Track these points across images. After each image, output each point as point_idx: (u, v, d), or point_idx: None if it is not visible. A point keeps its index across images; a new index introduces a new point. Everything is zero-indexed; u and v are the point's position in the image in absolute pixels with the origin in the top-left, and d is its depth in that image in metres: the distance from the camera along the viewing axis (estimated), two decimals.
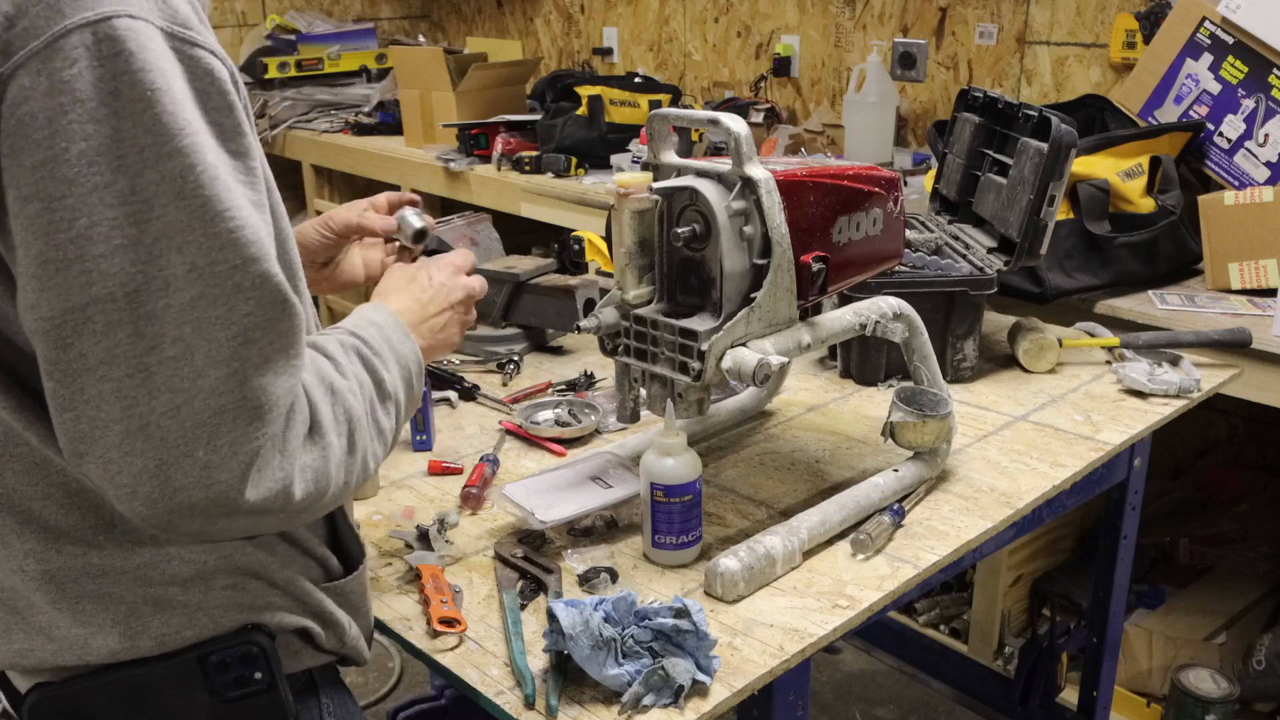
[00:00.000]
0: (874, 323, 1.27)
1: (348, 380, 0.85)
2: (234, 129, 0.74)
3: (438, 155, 3.28)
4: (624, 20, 3.80)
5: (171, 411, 0.70)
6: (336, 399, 0.82)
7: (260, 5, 4.28)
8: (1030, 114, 1.64)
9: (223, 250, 0.71)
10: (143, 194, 0.68)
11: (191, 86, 0.71)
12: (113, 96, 0.67)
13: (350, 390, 0.84)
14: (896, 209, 1.28)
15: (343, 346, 0.88)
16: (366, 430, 0.85)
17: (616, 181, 1.12)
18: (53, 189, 0.67)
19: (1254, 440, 2.59)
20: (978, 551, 1.28)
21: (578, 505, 1.26)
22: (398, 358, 0.93)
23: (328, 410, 0.80)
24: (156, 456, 0.70)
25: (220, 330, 0.71)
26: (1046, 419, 1.52)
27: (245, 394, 0.72)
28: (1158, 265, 2.06)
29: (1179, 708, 2.05)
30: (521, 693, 0.96)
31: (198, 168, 0.70)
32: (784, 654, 1.01)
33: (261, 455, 0.73)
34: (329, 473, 0.79)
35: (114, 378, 0.69)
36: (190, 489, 0.71)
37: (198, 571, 0.83)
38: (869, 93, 2.84)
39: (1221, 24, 2.15)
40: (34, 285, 0.68)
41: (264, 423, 0.73)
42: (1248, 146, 2.14)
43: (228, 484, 0.72)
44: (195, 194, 0.69)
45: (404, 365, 0.93)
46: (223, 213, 0.71)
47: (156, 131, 0.68)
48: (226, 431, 0.72)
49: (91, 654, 0.81)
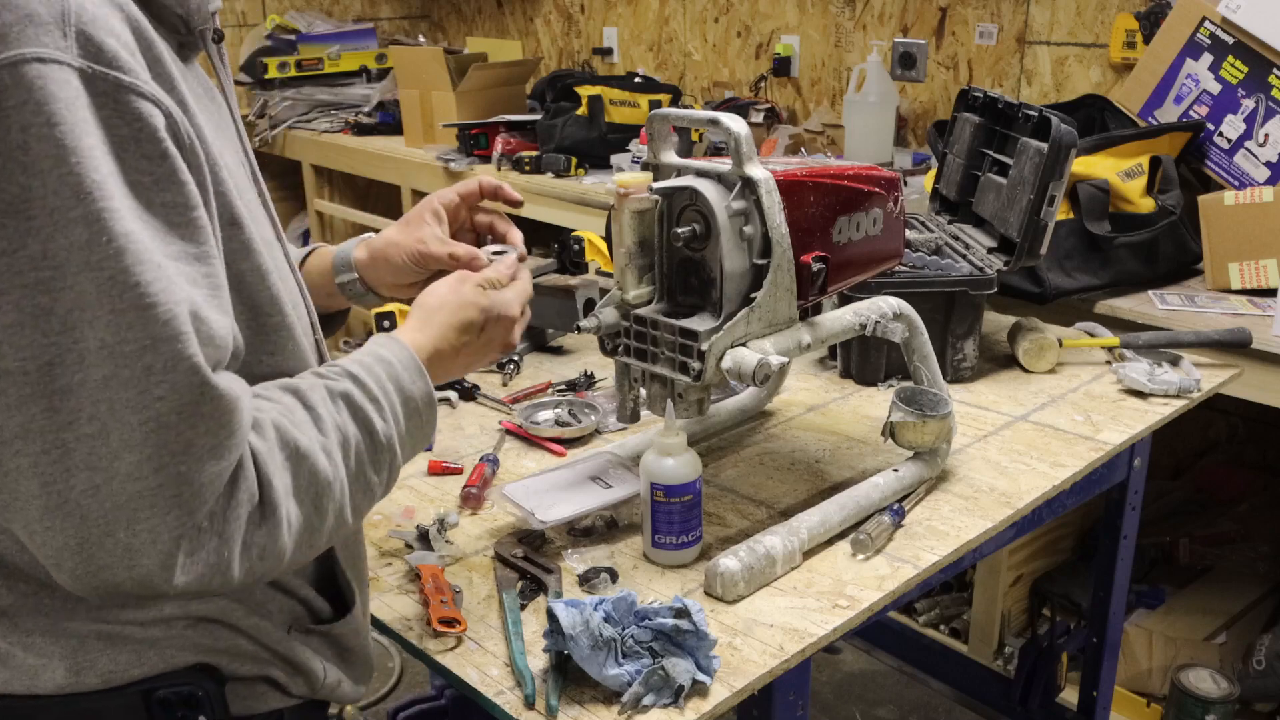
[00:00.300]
0: (874, 323, 1.27)
1: (325, 437, 0.80)
2: (167, 179, 0.69)
3: (438, 155, 3.28)
4: (624, 20, 3.80)
5: (91, 490, 0.67)
6: (301, 465, 0.77)
7: (260, 5, 4.28)
8: (1030, 114, 1.64)
9: (131, 329, 0.66)
10: (54, 259, 0.64)
11: (109, 137, 0.66)
12: (20, 151, 0.62)
13: (325, 449, 0.79)
14: (896, 209, 1.28)
15: (330, 394, 0.82)
16: (345, 489, 0.81)
17: (616, 181, 1.12)
18: None
19: (1254, 440, 2.59)
20: (978, 551, 1.28)
21: (578, 505, 1.26)
22: (404, 400, 0.87)
23: (285, 481, 0.76)
24: (77, 534, 0.67)
25: (132, 414, 0.67)
26: (1046, 419, 1.52)
27: (162, 481, 0.68)
28: (1158, 265, 2.06)
29: (1179, 708, 2.05)
30: (521, 693, 0.96)
31: (106, 236, 0.64)
32: (784, 654, 1.01)
33: (190, 541, 0.70)
34: (281, 547, 0.76)
35: (30, 453, 0.66)
36: (114, 568, 0.68)
37: (155, 616, 0.80)
38: (869, 93, 2.84)
39: (1221, 24, 2.15)
40: None
41: (186, 511, 0.69)
42: (1248, 146, 2.14)
43: (150, 569, 0.69)
44: (103, 265, 0.64)
45: (411, 408, 0.88)
46: (133, 287, 0.65)
47: (63, 193, 0.63)
48: (145, 518, 0.68)
49: (39, 685, 0.79)
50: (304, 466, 0.77)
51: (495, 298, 1.01)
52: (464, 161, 3.18)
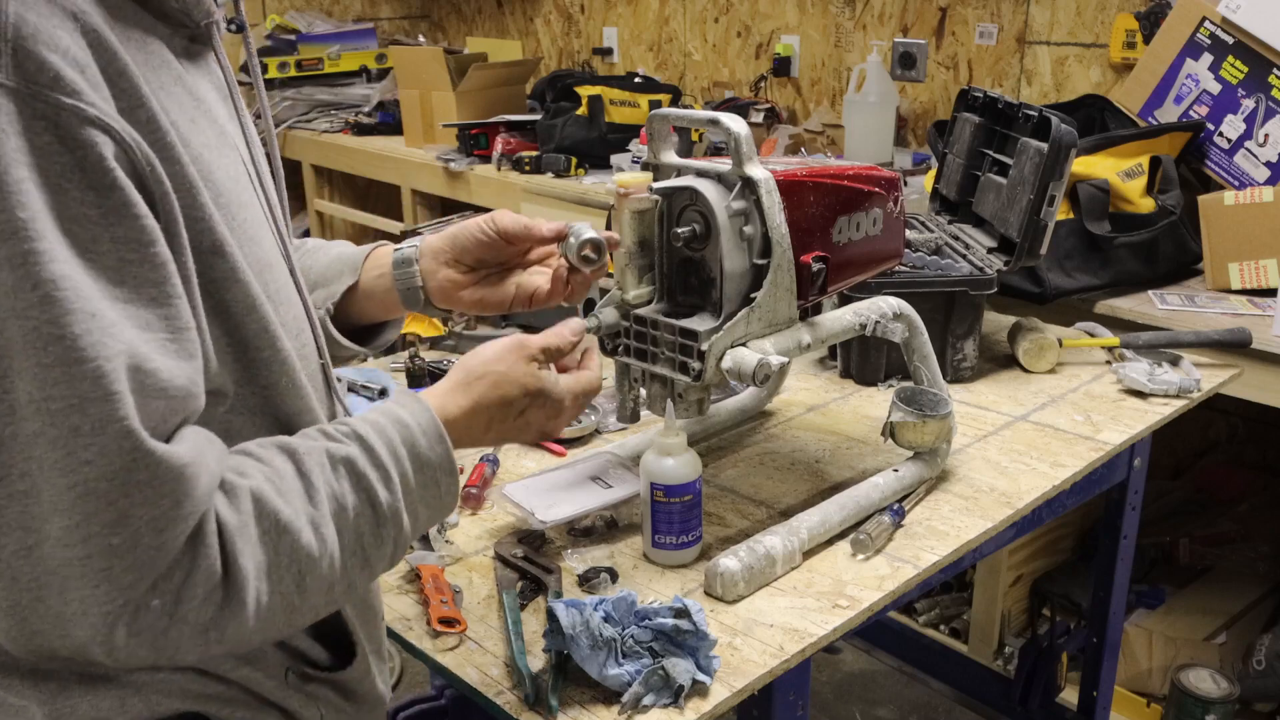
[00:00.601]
0: (874, 323, 1.27)
1: (316, 509, 0.73)
2: (116, 212, 0.62)
3: (438, 155, 3.28)
4: (624, 20, 3.80)
5: (22, 552, 0.61)
6: (282, 540, 0.70)
7: (260, 5, 4.28)
8: (1030, 114, 1.64)
9: (57, 385, 0.60)
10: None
11: (45, 167, 0.60)
12: None
13: (314, 522, 0.72)
14: (896, 209, 1.28)
15: (331, 460, 0.76)
16: (335, 564, 0.74)
17: (616, 181, 1.12)
18: None
19: (1254, 440, 2.59)
20: (978, 551, 1.28)
21: (578, 505, 1.26)
22: (419, 466, 0.80)
23: (257, 559, 0.69)
24: (9, 597, 0.62)
25: (60, 476, 0.61)
26: (1046, 419, 1.52)
27: (90, 552, 0.62)
28: (1158, 265, 2.06)
29: (1179, 708, 2.05)
30: (521, 693, 0.96)
31: (32, 281, 0.58)
32: (784, 654, 1.01)
33: (130, 616, 0.64)
34: (245, 631, 0.69)
35: None
36: (47, 634, 0.63)
37: None
38: (869, 93, 2.84)
39: (1221, 24, 2.15)
40: None
41: (118, 587, 0.63)
42: (1248, 146, 2.14)
43: (83, 640, 0.63)
44: (28, 313, 0.58)
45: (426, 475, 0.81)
46: (58, 339, 0.59)
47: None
48: (75, 588, 0.62)
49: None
50: (285, 541, 0.71)
51: (547, 382, 0.92)
52: (464, 161, 3.18)
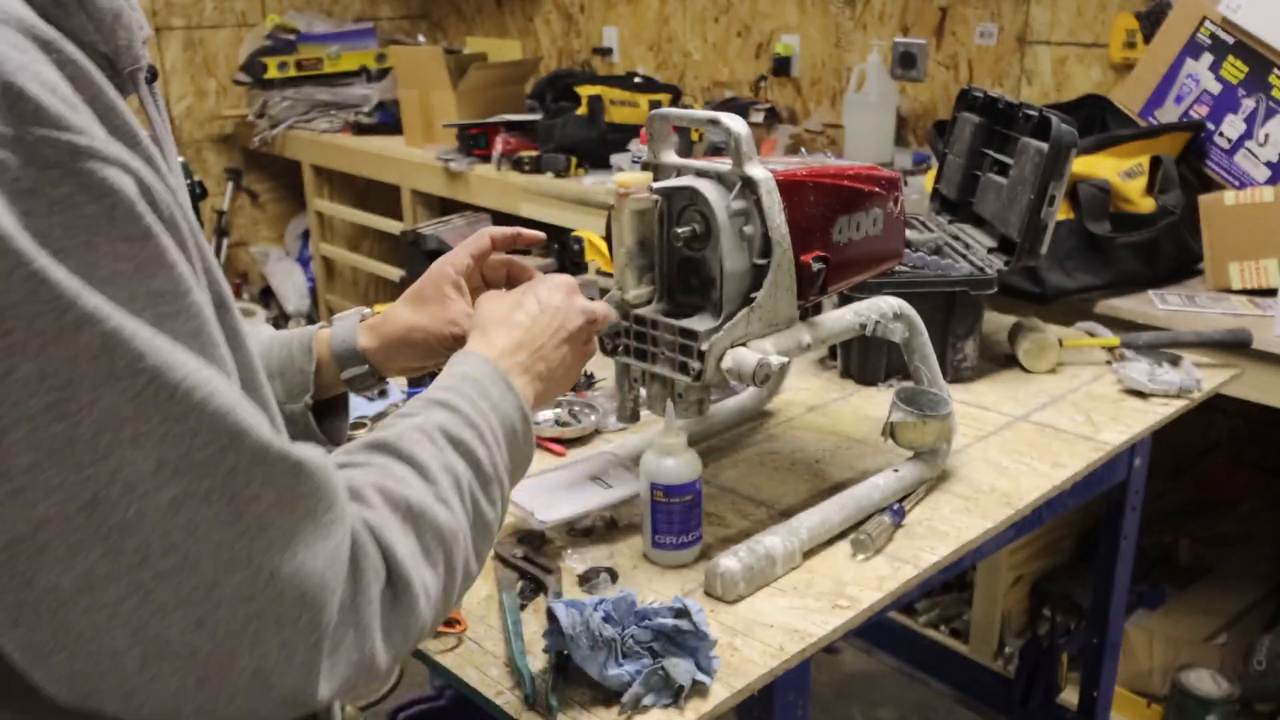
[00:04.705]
0: (874, 323, 1.27)
1: (436, 485, 0.71)
2: (152, 262, 0.55)
3: (438, 155, 3.28)
4: (624, 20, 3.80)
5: (194, 626, 0.56)
6: (423, 523, 0.69)
7: (260, 5, 4.28)
8: (1030, 114, 1.64)
9: (198, 434, 0.55)
10: (56, 379, 0.51)
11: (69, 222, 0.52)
12: None
13: (440, 498, 0.71)
14: (897, 209, 1.28)
15: (427, 435, 0.74)
16: (468, 538, 0.72)
17: (616, 181, 1.12)
18: None
19: (1254, 440, 2.59)
20: (978, 552, 1.28)
21: (578, 505, 1.26)
22: (501, 418, 0.79)
23: (410, 546, 0.68)
24: (194, 673, 0.57)
25: (225, 529, 0.56)
26: (1047, 419, 1.52)
27: (281, 589, 0.58)
28: (1158, 265, 2.06)
29: (1179, 708, 2.05)
30: (521, 693, 0.96)
31: (120, 333, 0.52)
32: (784, 654, 1.01)
33: (330, 642, 0.61)
34: (421, 620, 0.68)
35: (105, 604, 0.54)
36: (247, 695, 0.59)
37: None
38: (869, 92, 2.84)
39: (1222, 24, 2.15)
40: None
41: (315, 610, 0.60)
42: (1248, 146, 2.14)
43: (292, 687, 0.60)
44: (132, 370, 0.53)
45: (508, 426, 0.80)
46: (179, 385, 0.54)
47: (43, 295, 0.50)
48: (271, 635, 0.58)
49: None
50: (424, 525, 0.69)
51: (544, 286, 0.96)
52: (464, 161, 3.18)
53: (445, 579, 0.70)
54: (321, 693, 0.61)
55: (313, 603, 0.60)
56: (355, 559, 0.63)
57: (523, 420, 0.82)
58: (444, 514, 0.71)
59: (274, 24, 4.10)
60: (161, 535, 0.54)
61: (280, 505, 0.58)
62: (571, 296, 0.96)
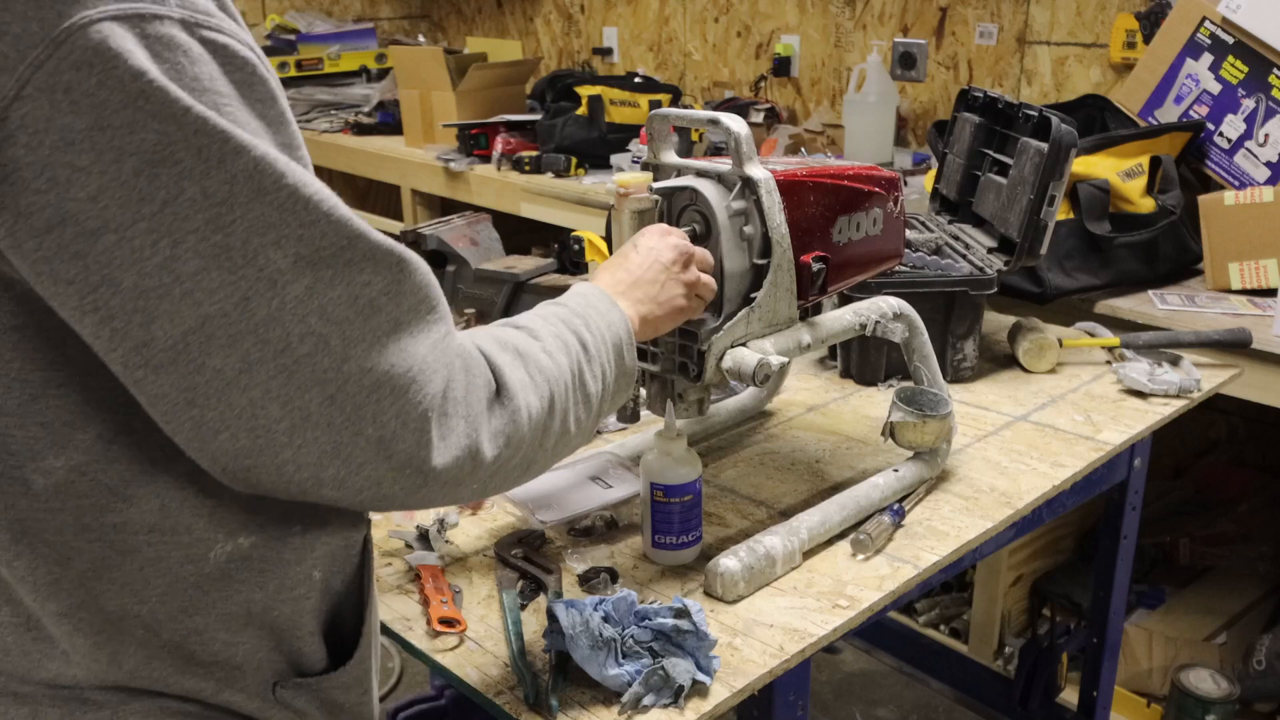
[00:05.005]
0: (874, 323, 1.27)
1: (542, 341, 0.84)
2: (279, 120, 0.69)
3: (438, 155, 3.28)
4: (624, 20, 3.80)
5: (327, 401, 0.68)
6: (529, 361, 0.81)
7: (260, 5, 4.28)
8: (1030, 114, 1.64)
9: (325, 234, 0.67)
10: (215, 197, 0.63)
11: (230, 79, 0.66)
12: (142, 99, 0.60)
13: (545, 351, 0.83)
14: (896, 209, 1.28)
15: (541, 316, 0.88)
16: (569, 392, 0.83)
17: (616, 181, 1.12)
18: (121, 216, 0.61)
19: (1254, 440, 2.59)
20: (978, 551, 1.28)
21: (578, 505, 1.26)
22: (607, 324, 0.92)
23: (517, 373, 0.79)
24: (330, 440, 0.68)
25: (347, 308, 0.68)
26: (1046, 419, 1.52)
27: (392, 363, 0.70)
28: (1158, 265, 2.06)
29: (1179, 708, 2.05)
30: (521, 693, 0.96)
31: (266, 158, 0.65)
32: (784, 654, 1.01)
33: (438, 416, 0.72)
34: (522, 436, 0.78)
35: (260, 383, 0.66)
36: (372, 464, 0.70)
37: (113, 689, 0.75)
38: (869, 93, 2.84)
39: (1221, 24, 2.15)
40: (139, 320, 0.63)
41: (421, 384, 0.71)
42: (1248, 146, 2.14)
43: (408, 452, 0.70)
44: (277, 185, 0.65)
45: (613, 331, 0.92)
46: (310, 196, 0.66)
47: (206, 130, 0.62)
48: (388, 404, 0.69)
49: None
50: (530, 362, 0.81)
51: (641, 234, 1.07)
52: (464, 161, 3.18)
53: (546, 412, 0.81)
54: (435, 461, 0.72)
55: (418, 378, 0.71)
56: (466, 363, 0.75)
57: (626, 331, 0.94)
58: (548, 360, 0.82)
59: (274, 24, 4.10)
60: (299, 321, 0.66)
61: (388, 293, 0.70)
62: (666, 236, 1.06)
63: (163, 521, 0.72)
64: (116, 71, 0.60)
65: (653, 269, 1.03)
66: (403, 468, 0.71)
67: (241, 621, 0.76)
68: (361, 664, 0.84)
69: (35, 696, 0.74)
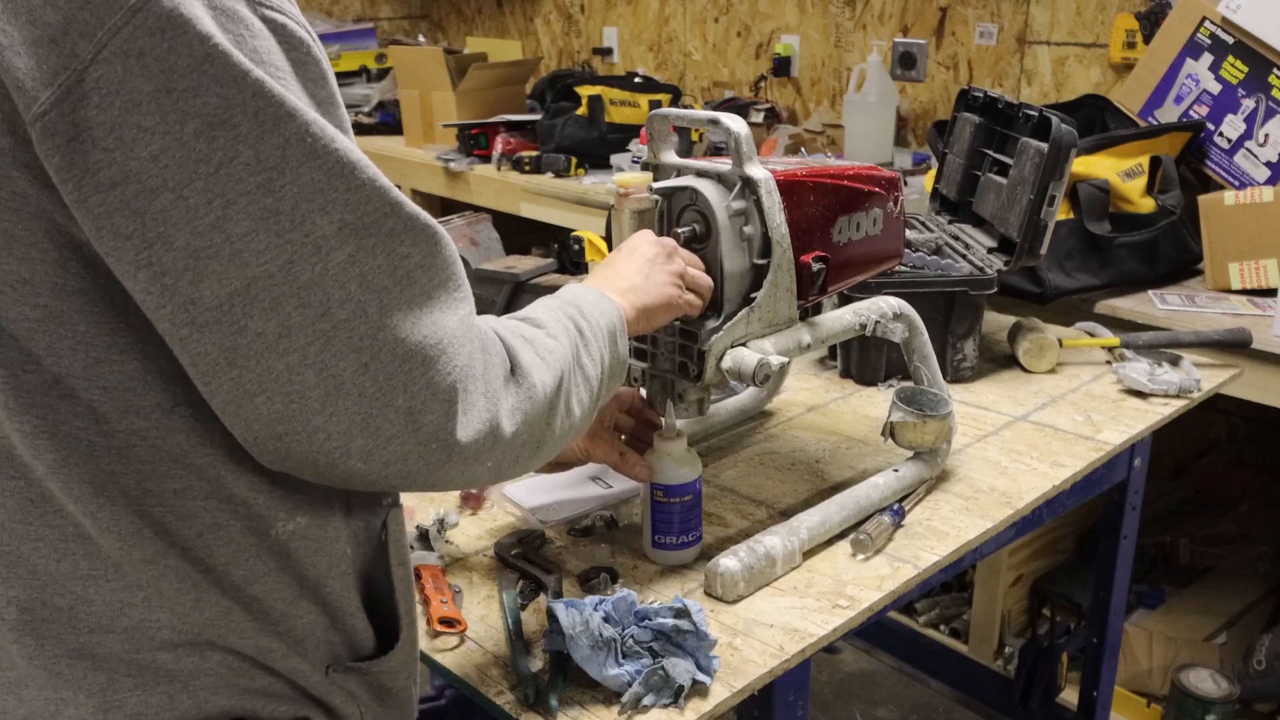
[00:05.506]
0: (874, 323, 1.27)
1: (545, 327, 0.87)
2: (329, 101, 0.71)
3: (438, 155, 3.28)
4: (624, 20, 3.80)
5: (361, 369, 0.69)
6: (537, 343, 0.84)
7: None
8: (1030, 114, 1.64)
9: (370, 201, 0.69)
10: (268, 161, 0.65)
11: (286, 56, 0.69)
12: (207, 63, 0.63)
13: (550, 335, 0.86)
14: (896, 209, 1.28)
15: (538, 306, 0.92)
16: (572, 374, 0.86)
17: (616, 181, 1.12)
18: (179, 175, 0.64)
19: (1254, 440, 2.59)
20: (978, 551, 1.28)
21: (578, 505, 1.26)
22: (600, 311, 0.94)
23: (528, 354, 0.82)
24: (360, 411, 0.70)
25: (385, 277, 0.70)
26: (1046, 419, 1.52)
27: (425, 334, 0.72)
28: (1158, 265, 2.06)
29: (1179, 708, 2.05)
30: (521, 693, 0.96)
31: (317, 125, 0.67)
32: (784, 654, 1.01)
33: (462, 393, 0.73)
34: (537, 413, 0.80)
35: (297, 348, 0.68)
36: (400, 437, 0.71)
37: (190, 640, 0.75)
38: (869, 93, 2.84)
39: (1221, 24, 2.15)
40: (189, 278, 0.65)
41: (449, 356, 0.73)
42: (1248, 146, 2.14)
43: (435, 424, 0.72)
44: (327, 151, 0.67)
45: (607, 318, 0.95)
46: (357, 164, 0.69)
47: (264, 95, 0.65)
48: (419, 374, 0.71)
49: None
50: (538, 344, 0.84)
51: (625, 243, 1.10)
52: (464, 161, 3.18)
53: (555, 391, 0.83)
54: (459, 435, 0.73)
55: (448, 349, 0.73)
56: (484, 342, 0.77)
57: (620, 320, 0.97)
58: (554, 343, 0.86)
59: None
60: (339, 286, 0.68)
61: (424, 266, 0.72)
62: (646, 234, 1.10)
63: (218, 491, 0.73)
64: (186, 37, 0.63)
65: (635, 262, 1.05)
66: (429, 441, 0.72)
67: (296, 593, 0.78)
68: (406, 647, 0.86)
69: (111, 661, 0.74)
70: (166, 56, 0.63)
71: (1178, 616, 2.26)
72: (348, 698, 0.83)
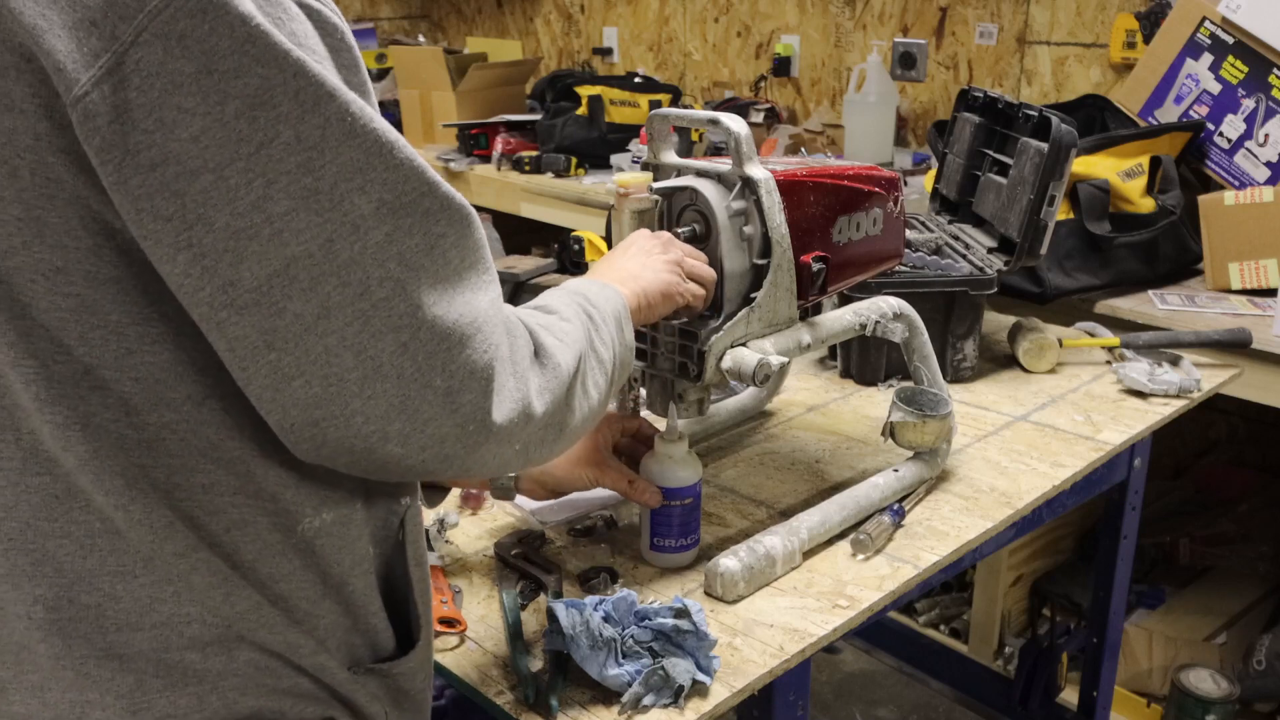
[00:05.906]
0: (874, 323, 1.27)
1: (558, 313, 0.88)
2: (361, 87, 0.71)
3: (438, 155, 3.28)
4: (624, 20, 3.80)
5: (400, 349, 0.69)
6: (552, 329, 0.85)
7: None
8: (1030, 114, 1.64)
9: (407, 181, 0.69)
10: (308, 141, 0.66)
11: (323, 41, 0.69)
12: (249, 44, 0.63)
13: (564, 318, 0.88)
14: (896, 209, 1.28)
15: (549, 295, 0.93)
16: (588, 357, 0.87)
17: (616, 181, 1.12)
18: (219, 156, 0.64)
19: (1254, 440, 2.59)
20: (978, 551, 1.28)
21: (577, 505, 1.26)
22: (604, 298, 0.95)
23: (548, 336, 0.83)
24: (399, 393, 0.70)
25: (422, 256, 0.70)
26: (1046, 419, 1.52)
27: (460, 313, 0.72)
28: (1158, 265, 2.06)
29: (1179, 708, 2.05)
30: (521, 693, 0.96)
31: (355, 105, 0.67)
32: (784, 654, 1.01)
33: (497, 374, 0.74)
34: (562, 393, 0.81)
35: (336, 329, 0.67)
36: (438, 419, 0.71)
37: (220, 636, 0.74)
38: (869, 93, 2.84)
39: (1221, 24, 2.15)
40: (229, 259, 0.65)
41: (484, 335, 0.73)
42: (1248, 146, 2.14)
43: (472, 404, 0.72)
44: (365, 131, 0.67)
45: (611, 305, 0.95)
46: (395, 144, 0.69)
47: (304, 74, 0.65)
48: (457, 353, 0.71)
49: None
50: (555, 329, 0.85)
51: None
52: (464, 161, 3.18)
53: (575, 372, 0.84)
54: (495, 415, 0.74)
55: (483, 328, 0.73)
56: (509, 325, 0.78)
57: (624, 307, 0.98)
58: (569, 326, 0.87)
59: None
60: (378, 265, 0.68)
61: (459, 246, 0.72)
62: (642, 231, 1.11)
63: (246, 486, 0.73)
64: (227, 18, 0.63)
65: (631, 254, 1.07)
66: (467, 422, 0.72)
67: (320, 592, 0.78)
68: (424, 649, 0.86)
69: (140, 661, 0.73)
70: (207, 38, 0.63)
71: (1178, 616, 2.26)
72: (370, 698, 0.82)
